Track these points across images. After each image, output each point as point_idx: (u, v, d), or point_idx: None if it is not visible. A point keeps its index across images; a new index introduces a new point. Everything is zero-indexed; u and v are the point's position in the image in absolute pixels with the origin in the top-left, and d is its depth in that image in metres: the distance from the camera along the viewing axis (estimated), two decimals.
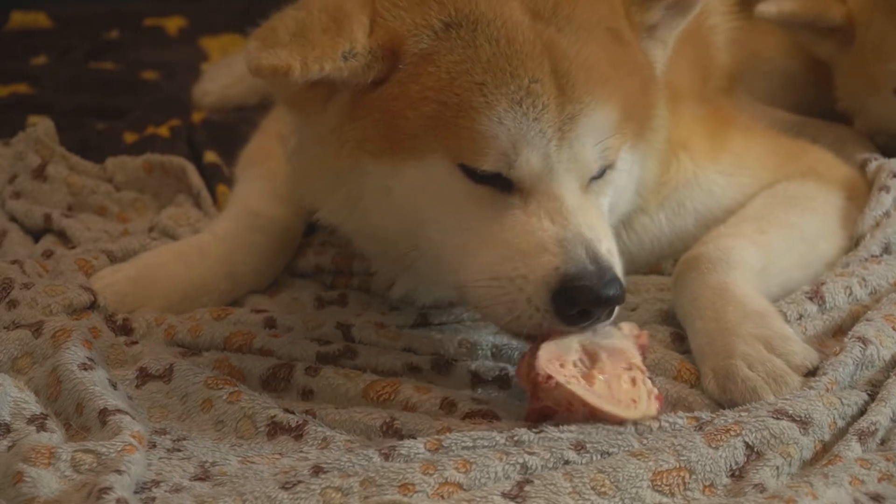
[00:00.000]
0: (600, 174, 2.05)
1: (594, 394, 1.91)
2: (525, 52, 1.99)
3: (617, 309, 1.97)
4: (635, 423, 1.91)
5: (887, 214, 2.40)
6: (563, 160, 1.99)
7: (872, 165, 2.55)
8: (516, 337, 2.05)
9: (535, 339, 1.98)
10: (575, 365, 1.94)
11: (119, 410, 1.96)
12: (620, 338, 2.01)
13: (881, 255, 2.34)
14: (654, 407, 1.94)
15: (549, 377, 1.91)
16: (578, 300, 1.92)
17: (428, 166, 2.01)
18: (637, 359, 1.99)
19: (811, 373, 2.03)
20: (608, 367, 1.95)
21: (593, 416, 1.91)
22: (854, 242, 2.41)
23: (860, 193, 2.48)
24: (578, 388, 1.91)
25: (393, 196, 2.07)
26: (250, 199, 2.59)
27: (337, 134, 2.08)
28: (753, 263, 2.22)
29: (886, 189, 2.46)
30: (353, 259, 2.57)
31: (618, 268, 1.98)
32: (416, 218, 2.06)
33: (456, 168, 2.00)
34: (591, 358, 1.96)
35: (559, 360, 1.93)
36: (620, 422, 1.91)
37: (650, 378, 1.98)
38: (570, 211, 1.98)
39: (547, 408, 1.94)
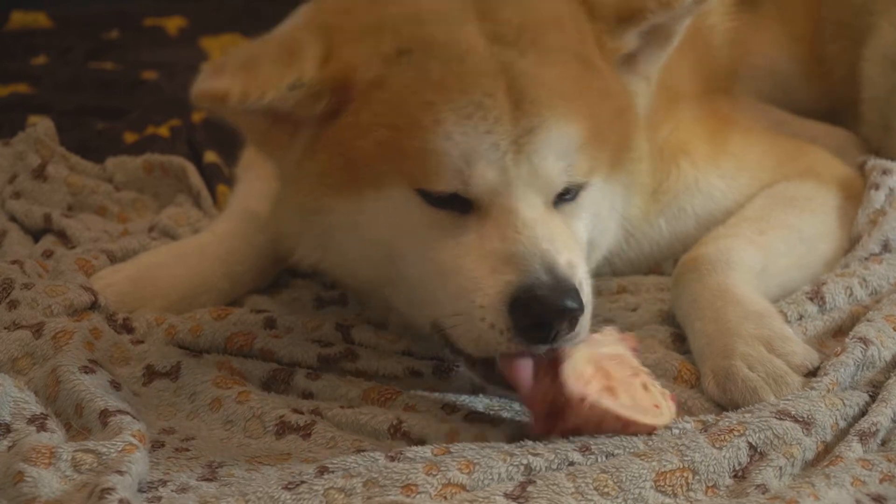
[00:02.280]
0: (573, 196, 2.02)
1: (625, 406, 1.89)
2: (477, 70, 1.97)
3: (582, 322, 1.92)
4: (667, 427, 1.90)
5: (883, 212, 2.40)
6: (523, 174, 1.96)
7: (869, 165, 2.55)
8: (489, 380, 2.01)
9: (509, 385, 1.94)
10: (595, 379, 1.92)
11: (120, 411, 1.96)
12: (612, 344, 1.99)
13: (881, 254, 2.34)
14: (673, 407, 1.93)
15: (583, 398, 1.87)
16: (534, 311, 1.88)
17: (387, 196, 2.00)
18: (636, 362, 1.98)
19: (811, 373, 2.03)
20: (619, 377, 1.93)
21: (626, 429, 1.89)
22: (852, 242, 2.41)
23: (858, 193, 2.48)
24: (610, 403, 1.88)
25: (361, 231, 2.05)
26: (250, 199, 2.59)
27: (299, 170, 2.07)
28: (753, 264, 2.22)
29: (876, 186, 2.46)
30: None
31: (579, 279, 1.93)
32: (385, 253, 2.05)
33: (414, 194, 1.98)
34: (601, 370, 1.93)
35: (582, 379, 1.89)
36: (653, 430, 1.89)
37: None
38: (525, 223, 1.94)
39: (575, 428, 1.90)
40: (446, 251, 1.97)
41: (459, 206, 1.97)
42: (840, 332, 2.19)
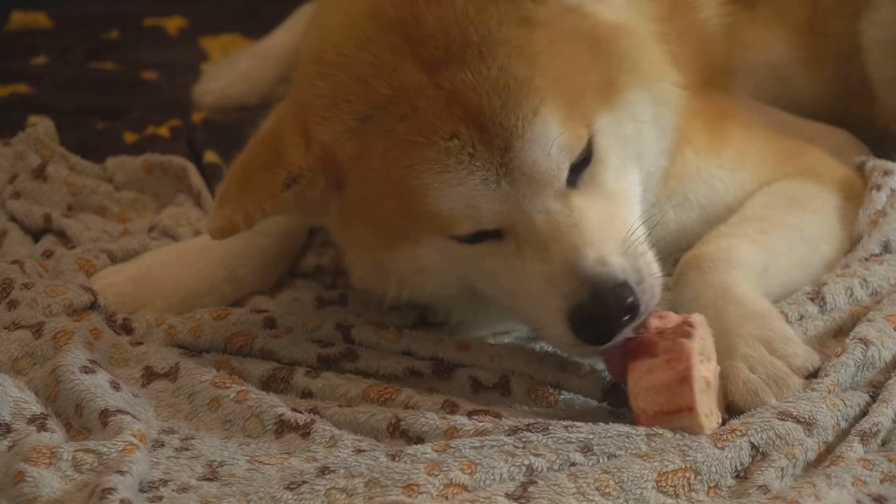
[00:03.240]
0: (588, 156, 1.99)
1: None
2: (432, 114, 1.95)
3: (644, 293, 1.94)
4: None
5: (883, 213, 2.40)
6: (522, 188, 1.95)
7: (868, 166, 2.55)
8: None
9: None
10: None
11: (120, 411, 1.96)
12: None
13: (882, 254, 2.34)
14: (719, 418, 1.93)
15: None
16: (590, 328, 1.92)
17: (428, 246, 2.04)
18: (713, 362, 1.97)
19: (812, 375, 2.02)
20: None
21: (679, 413, 1.90)
22: (853, 243, 2.41)
23: (858, 194, 2.47)
24: (695, 384, 1.90)
25: (427, 271, 2.09)
26: None
27: (346, 234, 2.14)
28: (755, 264, 2.21)
29: (878, 187, 2.45)
30: None
31: (620, 267, 1.93)
32: (456, 280, 2.09)
33: (448, 239, 2.01)
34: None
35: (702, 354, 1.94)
36: (699, 431, 1.89)
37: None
38: (552, 236, 1.94)
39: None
40: (502, 275, 2.00)
41: (493, 234, 1.99)
42: (840, 332, 2.19)
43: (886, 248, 2.35)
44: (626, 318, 1.92)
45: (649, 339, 1.95)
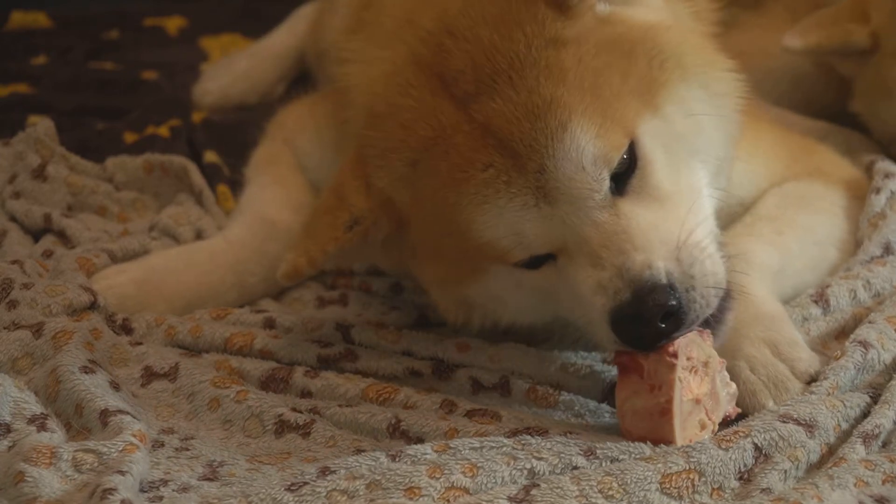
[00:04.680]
0: (631, 162, 1.96)
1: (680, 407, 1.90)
2: (469, 148, 1.95)
3: (691, 301, 1.90)
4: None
5: (882, 215, 2.40)
6: (563, 206, 1.93)
7: (876, 168, 2.55)
8: None
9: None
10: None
11: (120, 411, 1.96)
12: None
13: (883, 256, 2.34)
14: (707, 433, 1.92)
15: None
16: (629, 329, 1.90)
17: (497, 275, 2.04)
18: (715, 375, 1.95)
19: (813, 379, 2.02)
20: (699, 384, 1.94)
21: (660, 419, 1.90)
22: (856, 245, 2.41)
23: (864, 194, 2.47)
24: (679, 394, 1.89)
25: (503, 299, 2.09)
26: (264, 206, 2.58)
27: (423, 273, 2.14)
28: (771, 264, 2.20)
29: (877, 190, 2.46)
30: None
31: (665, 270, 1.89)
32: (533, 304, 2.09)
33: (513, 267, 2.01)
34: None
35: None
36: (669, 442, 1.88)
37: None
38: (598, 246, 1.92)
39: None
40: (563, 293, 1.99)
41: (549, 256, 1.99)
42: (842, 333, 2.19)
43: (887, 249, 2.35)
44: (666, 322, 1.88)
45: (636, 356, 1.93)
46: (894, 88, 2.70)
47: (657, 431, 1.88)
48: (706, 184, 2.05)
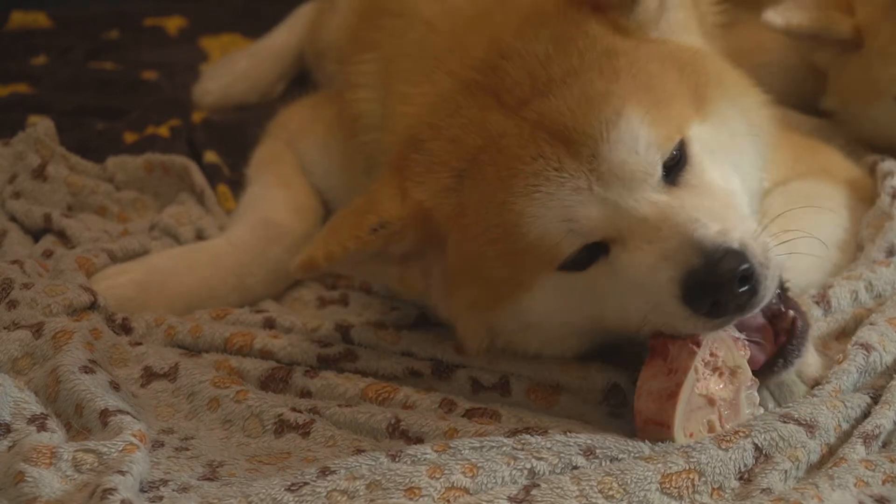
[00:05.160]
0: (684, 159, 1.97)
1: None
2: (517, 146, 1.97)
3: (762, 278, 1.87)
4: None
5: (889, 216, 2.40)
6: (617, 189, 1.92)
7: (878, 168, 2.55)
8: None
9: None
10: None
11: (120, 411, 1.96)
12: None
13: (887, 258, 2.33)
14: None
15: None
16: (704, 294, 1.85)
17: (538, 291, 2.00)
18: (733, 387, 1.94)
19: (816, 382, 2.02)
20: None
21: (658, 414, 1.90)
22: (859, 247, 2.41)
23: (867, 194, 2.48)
24: (689, 388, 1.89)
25: (532, 324, 2.06)
26: (267, 207, 2.58)
27: (454, 303, 2.09)
28: (779, 265, 2.20)
29: (881, 192, 2.46)
30: None
31: (738, 239, 1.87)
32: (564, 323, 2.05)
33: (558, 273, 1.98)
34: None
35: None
36: (666, 438, 1.88)
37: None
38: (658, 221, 1.90)
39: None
40: (613, 288, 1.95)
41: (598, 252, 1.96)
42: (843, 334, 2.19)
43: (891, 252, 2.34)
44: (743, 289, 1.85)
45: (667, 341, 1.93)
46: (885, 89, 2.70)
47: (660, 414, 1.89)
48: (746, 203, 2.06)
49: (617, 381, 2.07)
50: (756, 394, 1.95)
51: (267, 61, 3.47)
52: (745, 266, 1.85)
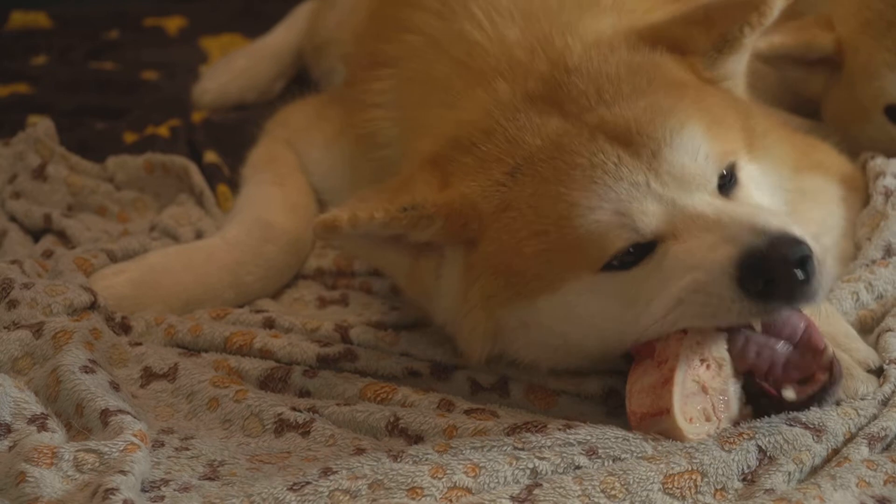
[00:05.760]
0: (734, 180, 2.01)
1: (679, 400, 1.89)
2: (577, 144, 1.98)
3: (818, 274, 1.85)
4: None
5: (884, 215, 2.40)
6: (673, 188, 1.94)
7: (868, 166, 2.55)
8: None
9: None
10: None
11: (121, 411, 1.96)
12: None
13: (885, 258, 2.33)
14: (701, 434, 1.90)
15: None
16: (757, 272, 1.84)
17: (566, 293, 1.99)
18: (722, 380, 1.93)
19: (872, 371, 2.02)
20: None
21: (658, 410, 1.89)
22: (856, 247, 2.41)
23: (859, 185, 2.49)
24: (679, 378, 1.89)
25: (534, 327, 2.05)
26: (262, 207, 2.57)
27: (466, 301, 2.08)
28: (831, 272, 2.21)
29: (873, 191, 2.46)
30: (355, 261, 2.57)
31: (799, 232, 1.87)
32: (565, 333, 2.03)
33: (600, 274, 1.96)
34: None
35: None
36: (678, 437, 1.87)
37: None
38: (718, 212, 1.92)
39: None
40: (655, 288, 1.93)
41: (643, 251, 1.95)
42: None
43: (888, 251, 2.34)
44: (800, 274, 1.83)
45: (651, 342, 1.94)
46: (872, 105, 2.69)
47: (657, 403, 1.88)
48: None
49: (613, 386, 2.06)
50: (742, 390, 1.94)
51: (265, 60, 3.48)
52: (805, 250, 1.85)
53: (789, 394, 1.92)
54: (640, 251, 1.95)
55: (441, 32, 2.29)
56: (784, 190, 2.17)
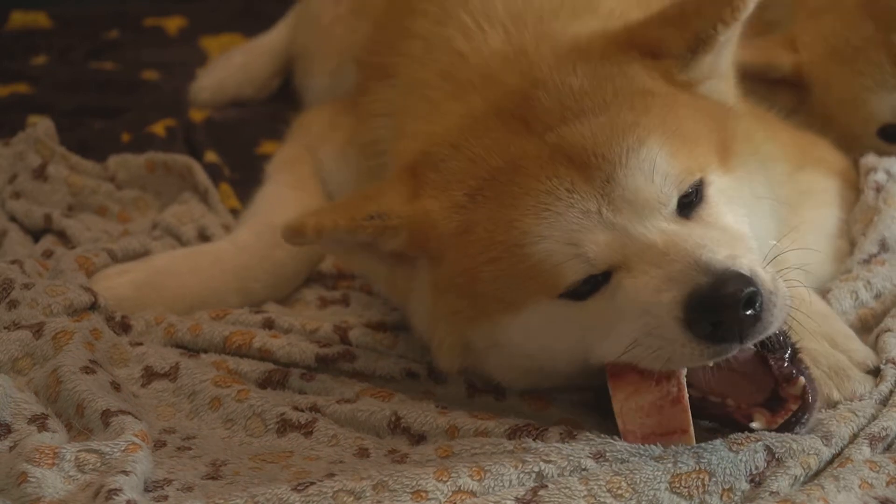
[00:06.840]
0: (700, 198, 1.96)
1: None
2: (535, 166, 1.95)
3: (770, 308, 1.83)
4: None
5: (876, 210, 2.40)
6: (627, 215, 1.90)
7: (861, 162, 2.56)
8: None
9: None
10: None
11: (122, 411, 1.96)
12: None
13: (880, 254, 2.34)
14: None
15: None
16: (704, 315, 1.80)
17: (529, 314, 1.97)
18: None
19: (870, 372, 2.03)
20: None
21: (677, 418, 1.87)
22: (850, 244, 2.42)
23: (855, 182, 2.50)
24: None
25: (503, 347, 2.03)
26: (275, 210, 2.56)
27: (436, 310, 2.06)
28: (795, 262, 2.20)
29: (864, 187, 2.47)
30: None
31: (747, 267, 1.83)
32: (531, 355, 2.02)
33: (557, 300, 1.94)
34: None
35: None
36: (686, 442, 1.87)
37: None
38: (667, 244, 1.87)
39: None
40: (614, 318, 1.91)
41: (598, 281, 1.92)
42: None
43: (884, 246, 2.35)
44: (748, 312, 1.80)
45: None
46: (863, 132, 2.67)
47: (669, 423, 1.86)
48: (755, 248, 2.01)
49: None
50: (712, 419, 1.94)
51: (263, 56, 3.48)
52: (751, 289, 1.81)
53: (756, 424, 1.90)
54: (595, 282, 1.92)
55: (436, 39, 2.28)
56: (777, 193, 2.14)
